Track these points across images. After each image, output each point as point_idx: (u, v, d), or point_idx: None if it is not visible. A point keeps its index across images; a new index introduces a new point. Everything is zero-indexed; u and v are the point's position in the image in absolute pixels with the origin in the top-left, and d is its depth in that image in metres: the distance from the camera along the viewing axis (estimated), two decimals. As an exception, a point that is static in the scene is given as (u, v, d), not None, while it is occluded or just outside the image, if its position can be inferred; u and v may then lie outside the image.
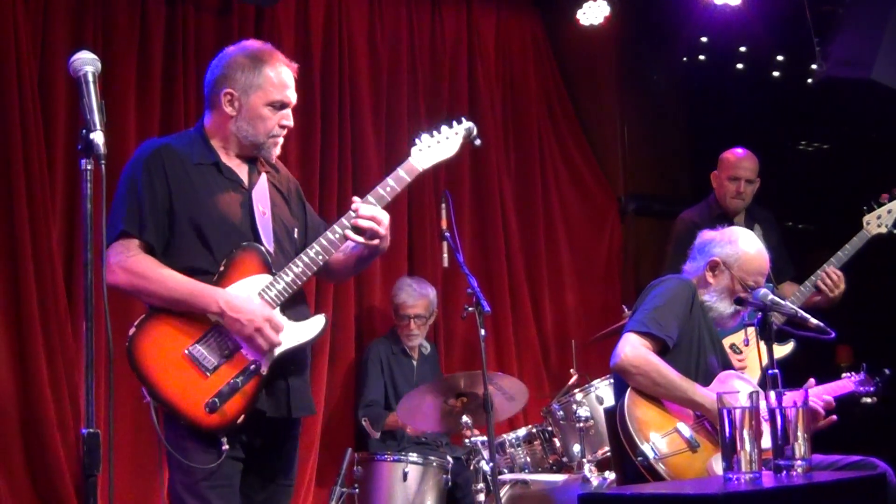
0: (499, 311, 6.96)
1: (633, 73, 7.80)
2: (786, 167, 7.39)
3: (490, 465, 4.88)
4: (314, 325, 3.58)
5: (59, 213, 5.55)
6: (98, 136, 2.74)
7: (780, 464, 3.20)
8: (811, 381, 4.23)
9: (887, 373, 4.80)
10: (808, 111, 7.25)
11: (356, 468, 5.59)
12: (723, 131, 6.86)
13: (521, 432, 5.80)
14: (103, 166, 2.75)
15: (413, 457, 5.64)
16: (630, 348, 4.16)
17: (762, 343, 3.78)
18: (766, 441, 3.29)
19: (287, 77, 3.64)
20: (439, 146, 3.85)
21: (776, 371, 3.62)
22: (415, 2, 7.14)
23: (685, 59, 7.75)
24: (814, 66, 6.38)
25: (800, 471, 3.18)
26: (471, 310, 4.83)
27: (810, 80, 6.60)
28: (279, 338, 3.46)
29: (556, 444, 5.67)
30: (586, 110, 7.86)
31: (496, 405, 5.08)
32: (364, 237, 3.63)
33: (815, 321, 3.94)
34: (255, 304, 3.45)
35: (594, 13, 7.04)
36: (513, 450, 5.73)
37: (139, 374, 3.39)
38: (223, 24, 6.18)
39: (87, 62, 2.85)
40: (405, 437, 6.11)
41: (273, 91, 3.58)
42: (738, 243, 4.43)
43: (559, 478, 5.46)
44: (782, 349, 5.43)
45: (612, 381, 4.86)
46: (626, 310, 5.68)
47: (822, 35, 6.29)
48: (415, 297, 6.26)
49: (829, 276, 5.58)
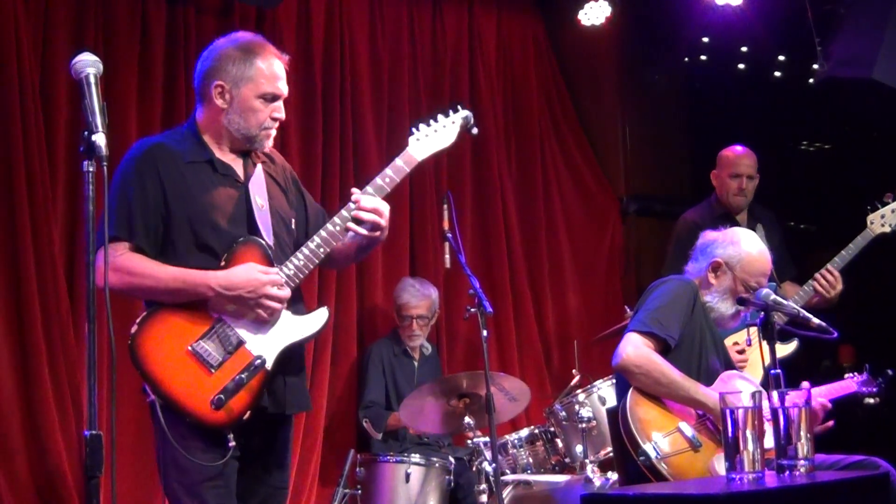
0: (501, 312, 6.95)
1: (635, 73, 7.80)
2: (787, 167, 7.39)
3: (492, 465, 4.88)
4: (318, 318, 3.56)
5: (61, 215, 5.54)
6: (100, 138, 2.74)
7: (782, 463, 3.19)
8: (805, 384, 4.22)
9: (890, 373, 4.79)
10: (810, 111, 7.25)
11: (359, 469, 5.59)
12: (724, 131, 6.85)
13: (524, 433, 5.80)
14: (105, 168, 2.75)
15: (415, 458, 5.64)
16: (632, 348, 4.17)
17: (765, 343, 3.78)
18: (769, 441, 3.30)
19: (278, 69, 3.60)
20: (437, 135, 3.81)
21: (779, 371, 3.62)
22: (416, 2, 7.14)
23: (686, 59, 7.75)
24: (815, 66, 6.38)
25: (803, 471, 3.17)
26: (473, 310, 4.83)
27: (812, 80, 6.60)
28: (287, 289, 3.44)
29: (559, 444, 5.67)
30: (587, 111, 7.86)
31: (498, 406, 5.08)
32: (365, 228, 3.60)
33: (817, 321, 3.93)
34: (245, 272, 3.41)
35: (595, 13, 7.04)
36: (515, 450, 5.73)
37: (142, 372, 3.36)
38: (224, 26, 6.16)
39: (88, 64, 2.84)
40: (407, 437, 6.11)
41: (264, 83, 3.55)
42: (741, 244, 4.42)
43: (562, 478, 5.46)
44: (785, 349, 5.42)
45: (615, 381, 4.86)
46: (628, 310, 5.68)
47: (824, 35, 6.28)
48: (418, 298, 6.26)
49: (826, 277, 5.57)
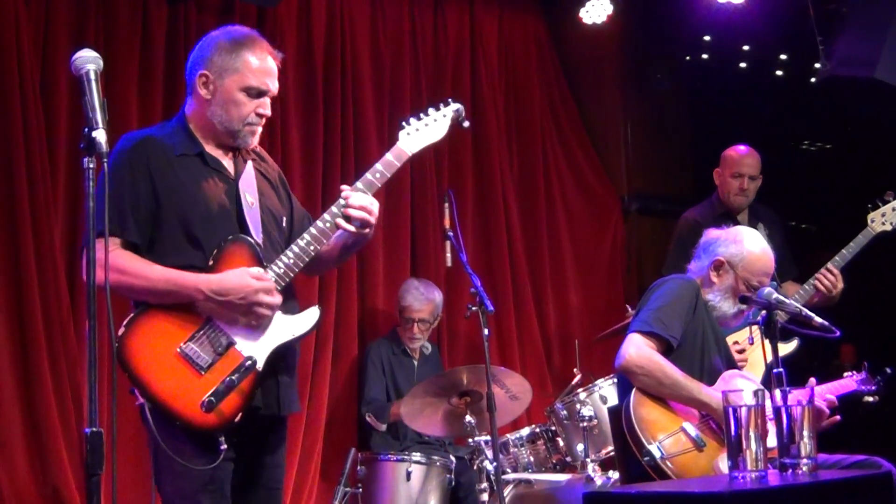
0: (502, 311, 6.95)
1: (636, 71, 7.79)
2: (789, 166, 7.38)
3: (493, 464, 4.87)
4: (309, 317, 3.49)
5: (62, 212, 5.54)
6: (100, 135, 2.73)
7: (785, 462, 3.19)
8: (812, 380, 4.22)
9: (889, 372, 4.79)
10: (812, 110, 7.25)
11: (360, 468, 5.58)
12: (726, 130, 6.85)
13: (525, 432, 5.80)
14: (105, 164, 2.74)
15: (416, 456, 5.63)
16: (634, 349, 4.15)
17: (767, 341, 3.77)
18: (772, 440, 3.29)
19: (268, 64, 3.51)
20: (427, 129, 3.78)
21: (781, 370, 3.61)
22: (417, 1, 7.13)
23: (688, 57, 7.75)
24: (817, 65, 6.38)
25: (805, 469, 3.16)
26: (474, 309, 4.83)
27: (814, 79, 6.60)
28: (278, 296, 3.37)
29: (560, 443, 5.66)
30: (589, 109, 7.85)
31: (500, 405, 5.07)
32: (354, 226, 3.55)
33: (819, 320, 3.92)
34: (237, 277, 3.34)
35: (597, 11, 7.03)
36: (516, 449, 5.72)
37: (130, 374, 3.27)
38: (224, 20, 6.15)
39: (88, 60, 2.84)
40: (408, 435, 6.10)
41: (250, 76, 3.46)
42: (744, 243, 4.41)
43: (563, 477, 5.46)
44: (786, 348, 5.42)
45: (616, 380, 4.86)
46: (630, 309, 5.68)
47: (826, 34, 6.28)
48: (421, 302, 6.23)
49: (827, 276, 5.57)
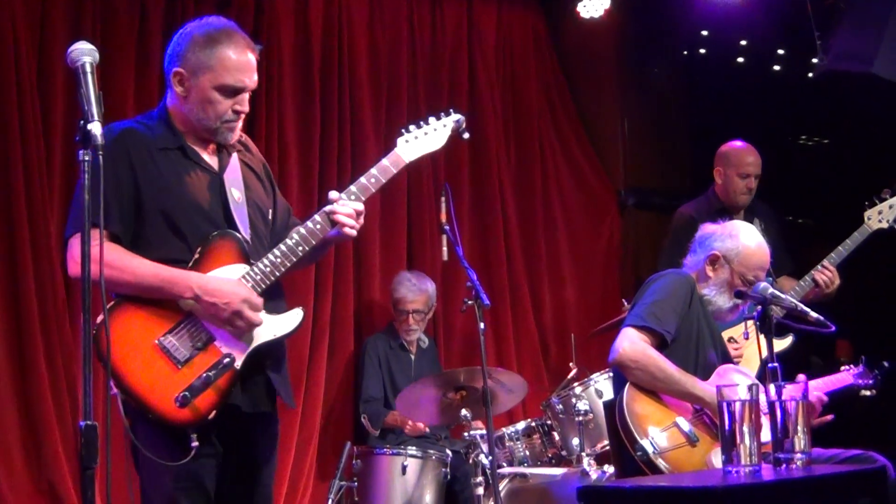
0: (498, 305, 6.95)
1: (634, 66, 7.79)
2: (786, 161, 7.38)
3: (489, 458, 4.88)
4: (292, 318, 3.45)
5: (58, 205, 5.53)
6: (96, 127, 2.72)
7: (779, 457, 3.19)
8: (801, 376, 4.22)
9: (886, 366, 4.79)
10: (809, 105, 7.24)
11: (355, 462, 5.59)
12: (723, 125, 6.84)
13: (520, 426, 5.80)
14: (101, 157, 2.74)
15: (412, 450, 5.64)
16: (629, 343, 4.15)
17: (762, 336, 3.78)
18: (766, 434, 3.29)
19: (244, 60, 3.41)
20: (426, 137, 3.75)
21: (776, 365, 3.61)
22: (415, -5, 7.13)
23: (686, 52, 7.75)
24: (815, 60, 6.36)
25: (799, 464, 3.17)
26: (470, 303, 4.82)
27: (811, 74, 6.59)
28: (259, 319, 3.32)
29: (555, 437, 5.67)
30: (586, 104, 7.85)
31: (495, 398, 5.07)
32: (343, 230, 3.51)
33: (815, 315, 3.93)
34: (232, 284, 3.30)
35: (594, 6, 7.02)
36: (512, 443, 5.72)
37: (105, 364, 3.12)
38: (221, 17, 6.14)
39: (84, 53, 2.82)
40: (404, 432, 6.11)
41: (224, 74, 3.36)
42: (739, 237, 4.41)
43: (558, 471, 5.46)
44: (781, 343, 5.42)
45: (612, 374, 4.86)
46: (626, 303, 5.67)
47: (824, 29, 6.27)
48: (414, 293, 6.24)
49: (824, 272, 5.58)
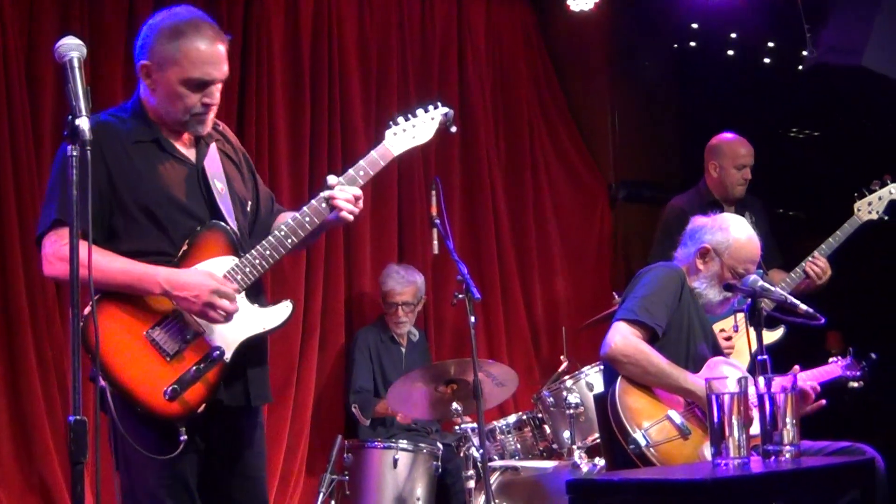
0: (489, 298, 6.95)
1: (624, 59, 7.79)
2: (776, 154, 7.38)
3: (480, 451, 4.88)
4: (281, 311, 3.40)
5: (47, 200, 5.52)
6: (83, 122, 2.70)
7: (768, 449, 3.20)
8: (796, 367, 4.23)
9: (874, 357, 4.80)
10: (799, 98, 7.24)
11: (346, 455, 5.59)
12: (713, 118, 6.85)
13: (512, 419, 5.81)
14: (89, 152, 2.73)
15: (403, 444, 5.64)
16: (620, 337, 4.16)
17: (752, 329, 3.78)
18: (756, 427, 3.30)
19: (211, 52, 3.31)
20: (415, 130, 3.73)
21: (765, 357, 3.62)
22: (405, -12, 7.12)
23: (676, 45, 7.74)
24: (805, 53, 6.37)
25: (788, 456, 3.18)
26: (461, 296, 4.83)
27: (801, 67, 6.59)
28: (236, 305, 3.26)
29: (547, 430, 5.67)
30: (576, 97, 7.86)
31: (486, 392, 5.08)
32: (341, 214, 3.49)
33: (804, 307, 3.93)
34: (199, 276, 3.24)
35: (584, -1, 7.02)
36: (503, 436, 5.73)
37: (94, 356, 3.05)
38: (212, 10, 6.13)
39: (72, 48, 2.80)
40: (395, 423, 6.12)
41: (190, 67, 3.27)
42: (730, 230, 4.41)
43: (549, 464, 5.47)
44: (772, 335, 5.43)
45: (602, 367, 4.87)
46: (617, 296, 5.67)
47: (813, 21, 6.28)
48: (402, 285, 6.25)
49: (816, 263, 5.59)
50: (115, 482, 3.31)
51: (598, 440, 5.00)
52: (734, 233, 4.41)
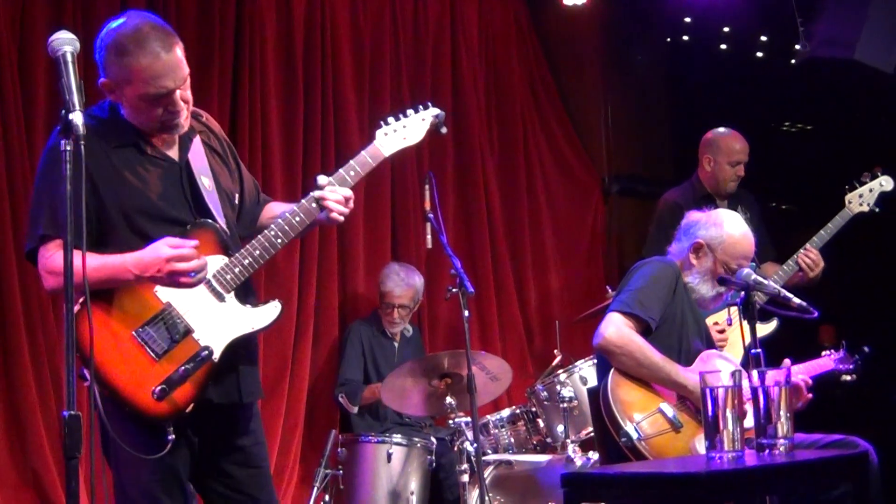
0: (482, 292, 6.96)
1: (617, 53, 7.80)
2: (769, 147, 7.39)
3: (474, 445, 4.88)
4: (269, 311, 3.39)
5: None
6: (77, 117, 2.70)
7: (762, 443, 3.21)
8: (787, 360, 4.24)
9: (867, 350, 4.81)
10: (792, 91, 7.25)
11: (340, 450, 5.60)
12: (706, 111, 6.86)
13: (505, 413, 5.81)
14: (83, 147, 2.72)
15: (397, 438, 5.65)
16: (613, 328, 4.16)
17: (745, 323, 3.79)
18: (749, 420, 3.31)
19: (161, 64, 3.19)
20: (405, 131, 3.70)
21: (759, 350, 3.63)
22: (398, -16, 7.11)
23: (669, 39, 7.75)
24: (797, 47, 6.38)
25: (782, 449, 3.18)
26: (454, 291, 4.83)
27: (794, 61, 6.60)
28: (202, 258, 3.20)
29: (540, 424, 5.67)
30: (570, 91, 7.86)
31: (480, 386, 5.08)
32: (331, 215, 3.47)
33: (797, 300, 3.94)
34: (153, 249, 3.16)
35: (578, -7, 7.03)
36: (497, 430, 5.74)
37: (83, 355, 3.09)
38: (204, 4, 6.13)
39: (65, 42, 2.80)
40: (389, 417, 6.11)
41: (142, 85, 3.20)
42: (724, 226, 4.41)
43: (543, 458, 5.48)
44: (765, 328, 5.44)
45: (595, 361, 4.87)
46: (610, 290, 5.69)
47: (806, 15, 6.28)
48: (402, 288, 6.21)
49: (808, 255, 5.60)
50: (107, 477, 3.30)
51: (592, 434, 5.01)
52: (728, 228, 4.41)
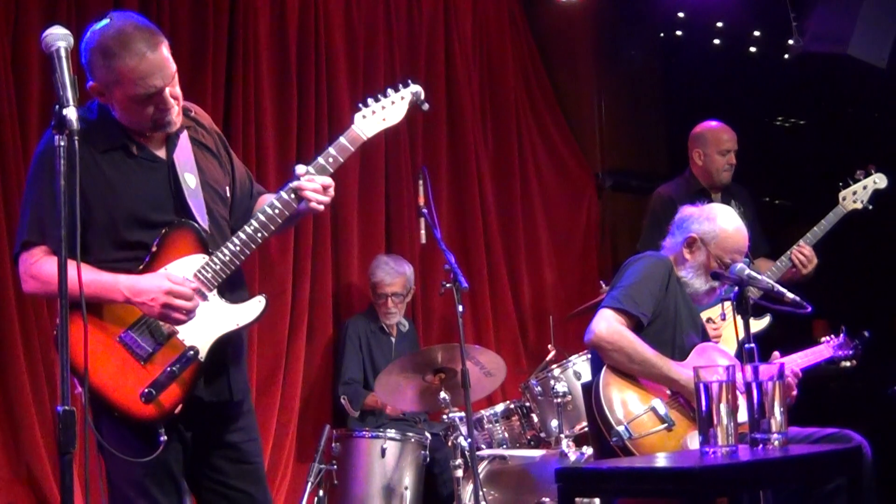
0: (476, 287, 6.96)
1: (611, 48, 7.79)
2: (763, 143, 7.40)
3: (468, 440, 4.89)
4: (253, 307, 3.37)
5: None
6: (71, 112, 2.69)
7: (756, 437, 3.21)
8: (776, 354, 4.25)
9: (867, 335, 4.81)
10: (785, 86, 7.26)
11: (334, 445, 5.60)
12: (699, 107, 6.85)
13: (499, 408, 5.82)
14: (76, 142, 2.72)
15: (391, 433, 5.65)
16: (605, 324, 4.16)
17: (739, 317, 3.79)
18: (743, 415, 3.31)
19: (145, 66, 3.17)
20: (384, 111, 3.66)
21: (752, 345, 3.63)
22: (391, -23, 7.09)
23: (662, 34, 7.75)
24: (791, 42, 6.38)
25: (776, 444, 3.19)
26: (448, 286, 4.84)
27: (787, 56, 6.61)
28: (195, 300, 3.22)
29: (534, 419, 5.68)
30: (563, 86, 7.85)
31: (474, 381, 5.09)
32: (310, 205, 3.45)
33: (791, 295, 3.94)
34: (154, 279, 3.20)
35: (571, -12, 7.03)
36: (491, 425, 5.74)
37: (75, 370, 3.02)
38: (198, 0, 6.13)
39: (59, 37, 2.79)
40: (384, 413, 6.12)
41: (130, 86, 3.18)
42: (717, 220, 4.41)
43: (537, 453, 5.48)
44: (757, 324, 5.45)
45: (590, 356, 4.87)
46: (604, 285, 5.69)
47: (799, 10, 6.29)
48: (392, 276, 6.24)
49: (801, 252, 5.61)
50: (101, 473, 3.29)
51: (586, 429, 5.02)
52: (721, 223, 4.41)
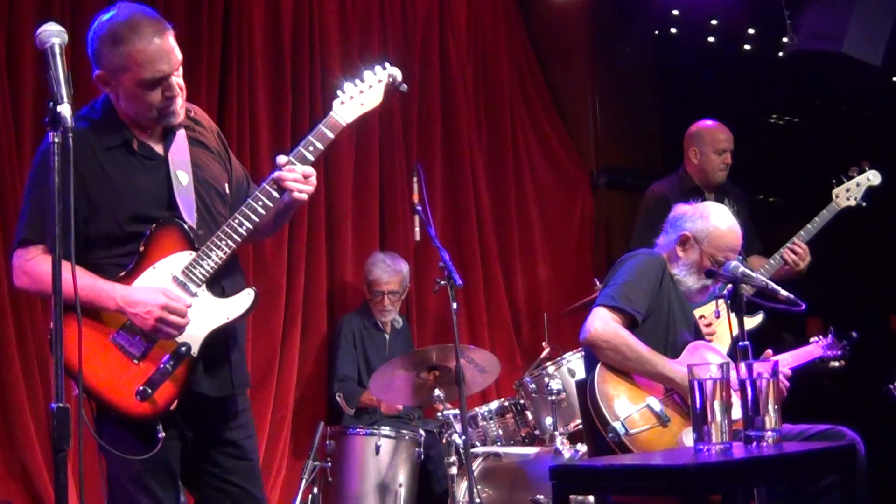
0: (471, 285, 6.96)
1: (605, 46, 7.80)
2: (757, 140, 7.41)
3: (462, 438, 4.89)
4: (242, 300, 3.37)
5: (28, 188, 5.49)
6: (65, 109, 2.70)
7: (750, 435, 3.22)
8: (768, 351, 4.25)
9: (855, 336, 4.83)
10: (780, 84, 7.27)
11: (328, 442, 5.60)
12: (694, 104, 6.87)
13: (494, 405, 5.82)
14: (70, 139, 2.72)
15: (385, 430, 5.65)
16: (599, 322, 4.17)
17: (733, 315, 3.80)
18: (737, 412, 3.32)
19: (154, 50, 3.24)
20: (362, 96, 3.62)
21: (746, 343, 3.64)
22: (386, -26, 7.09)
23: (657, 32, 7.75)
24: (785, 40, 6.39)
25: (770, 441, 3.20)
26: (443, 283, 4.84)
27: (781, 54, 6.62)
28: (188, 318, 3.24)
29: (529, 416, 5.68)
30: (558, 84, 7.86)
31: (468, 378, 5.09)
32: (292, 194, 3.43)
33: (785, 293, 3.95)
34: (151, 293, 3.22)
35: (566, -15, 7.03)
36: (485, 423, 5.74)
37: (70, 372, 3.03)
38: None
39: (53, 34, 2.80)
40: (378, 409, 6.12)
41: (139, 70, 3.23)
42: (710, 218, 4.42)
43: (531, 450, 5.49)
44: (751, 321, 5.46)
45: (584, 354, 4.88)
46: (598, 283, 5.69)
47: (794, 8, 6.29)
48: (389, 274, 6.24)
49: (795, 250, 5.62)
50: (100, 468, 3.31)
51: (580, 426, 5.02)
52: (714, 221, 4.42)
